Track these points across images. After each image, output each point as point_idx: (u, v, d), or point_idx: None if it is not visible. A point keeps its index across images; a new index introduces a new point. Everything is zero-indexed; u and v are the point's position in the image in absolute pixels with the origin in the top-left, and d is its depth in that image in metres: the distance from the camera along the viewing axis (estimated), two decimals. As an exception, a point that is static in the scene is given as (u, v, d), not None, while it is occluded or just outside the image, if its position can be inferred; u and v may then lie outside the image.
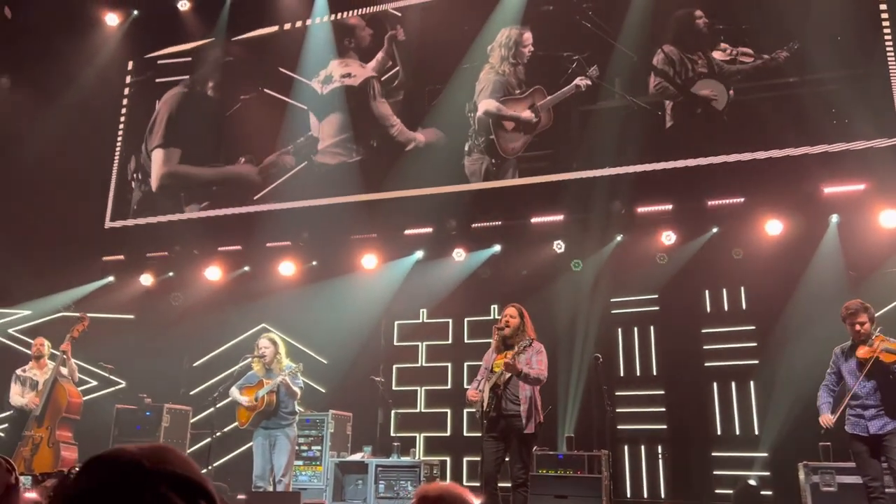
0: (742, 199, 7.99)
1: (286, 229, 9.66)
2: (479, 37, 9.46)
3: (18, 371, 7.37)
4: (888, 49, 7.65)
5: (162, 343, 9.63)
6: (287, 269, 9.57)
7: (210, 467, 6.94)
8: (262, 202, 10.03)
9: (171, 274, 10.21)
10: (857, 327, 5.09)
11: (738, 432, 7.87)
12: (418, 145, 9.53)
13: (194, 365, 9.81)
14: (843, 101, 7.57)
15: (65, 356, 7.15)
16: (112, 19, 11.00)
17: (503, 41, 9.41)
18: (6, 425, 7.64)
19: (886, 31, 7.69)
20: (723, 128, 8.19)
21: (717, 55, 8.39)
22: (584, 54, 8.90)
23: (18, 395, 7.18)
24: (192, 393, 9.45)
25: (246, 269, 9.96)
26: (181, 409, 8.58)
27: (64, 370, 7.11)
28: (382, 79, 9.95)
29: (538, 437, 5.61)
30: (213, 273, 9.83)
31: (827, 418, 5.14)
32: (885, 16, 7.70)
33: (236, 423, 6.75)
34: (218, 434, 7.26)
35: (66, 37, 10.60)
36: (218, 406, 6.98)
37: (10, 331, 9.95)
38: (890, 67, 7.60)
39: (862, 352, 5.06)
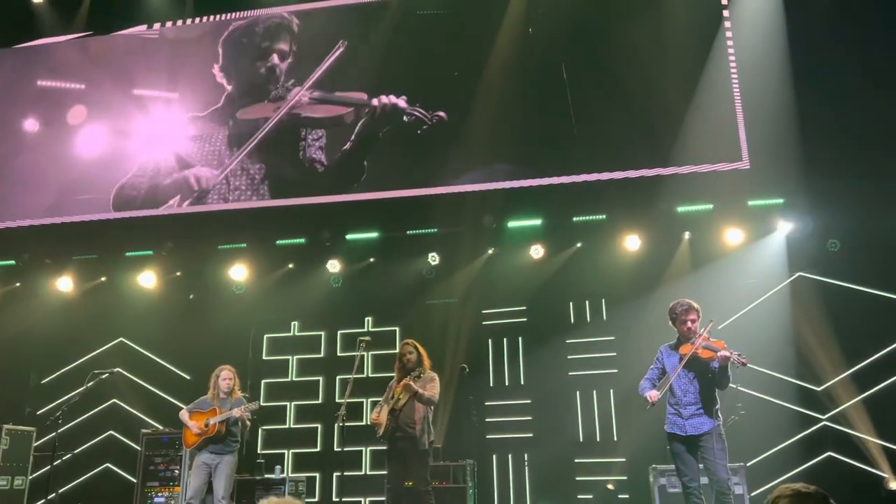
0: (604, 216, 8.38)
1: (147, 238, 9.15)
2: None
3: None
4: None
5: (5, 359, 8.89)
6: (148, 280, 9.09)
7: (55, 493, 6.43)
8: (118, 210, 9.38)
9: (17, 284, 9.46)
10: (689, 324, 5.19)
11: (598, 439, 8.19)
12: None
13: (42, 382, 9.12)
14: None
15: None
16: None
17: None
18: None
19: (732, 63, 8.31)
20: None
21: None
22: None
23: None
24: (38, 413, 8.76)
25: (103, 279, 9.38)
26: (23, 430, 7.91)
27: None
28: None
29: (430, 454, 5.98)
30: (66, 284, 9.19)
31: (653, 394, 5.16)
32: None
33: (85, 447, 6.29)
34: (66, 457, 6.73)
35: None
36: (66, 426, 6.51)
37: None
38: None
39: (684, 349, 5.20)
